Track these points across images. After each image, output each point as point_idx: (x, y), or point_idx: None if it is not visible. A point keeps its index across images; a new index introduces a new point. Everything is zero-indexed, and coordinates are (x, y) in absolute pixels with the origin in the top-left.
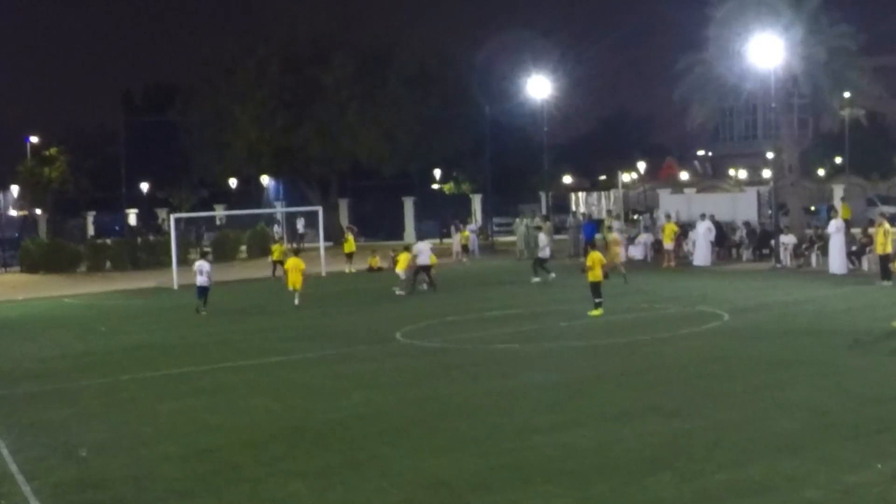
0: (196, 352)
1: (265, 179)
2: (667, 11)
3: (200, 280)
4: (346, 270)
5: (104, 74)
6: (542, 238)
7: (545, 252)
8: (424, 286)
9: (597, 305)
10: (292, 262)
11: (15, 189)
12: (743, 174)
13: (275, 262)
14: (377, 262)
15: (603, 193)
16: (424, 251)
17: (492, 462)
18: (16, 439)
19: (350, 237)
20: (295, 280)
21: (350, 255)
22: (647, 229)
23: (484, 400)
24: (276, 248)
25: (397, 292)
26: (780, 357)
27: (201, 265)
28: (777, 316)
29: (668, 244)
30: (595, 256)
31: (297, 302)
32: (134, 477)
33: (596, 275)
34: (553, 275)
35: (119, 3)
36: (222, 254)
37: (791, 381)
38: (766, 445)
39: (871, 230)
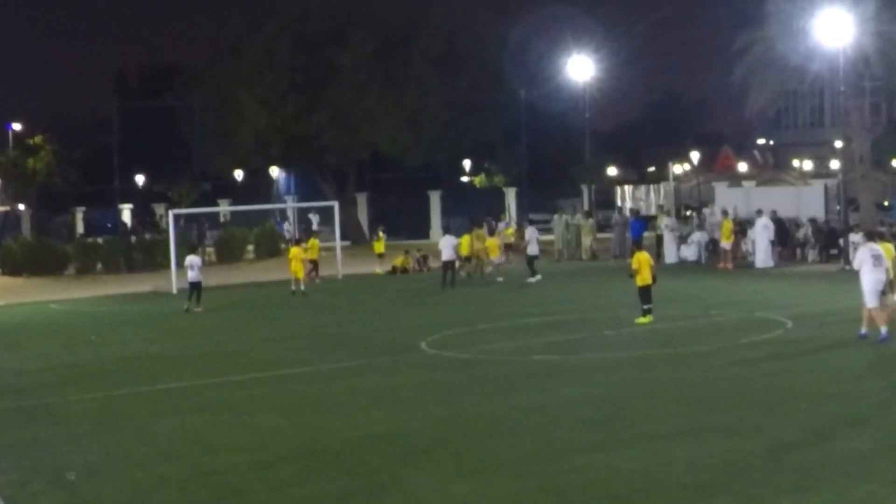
0: (198, 363)
1: (274, 171)
2: None
3: (192, 275)
4: (377, 271)
5: (95, 54)
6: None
7: (533, 249)
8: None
9: (645, 312)
10: (294, 252)
11: None
12: (808, 165)
13: (310, 262)
14: (401, 261)
15: (652, 187)
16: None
17: (528, 486)
18: None
19: (382, 236)
20: (297, 269)
21: (381, 256)
22: (700, 227)
23: (519, 417)
24: (312, 243)
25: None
26: (849, 369)
27: (192, 260)
28: (846, 323)
29: (726, 243)
30: (641, 258)
31: (302, 288)
32: (128, 503)
33: (644, 278)
34: (500, 279)
35: None
36: (227, 254)
37: (861, 395)
38: (833, 468)
39: None
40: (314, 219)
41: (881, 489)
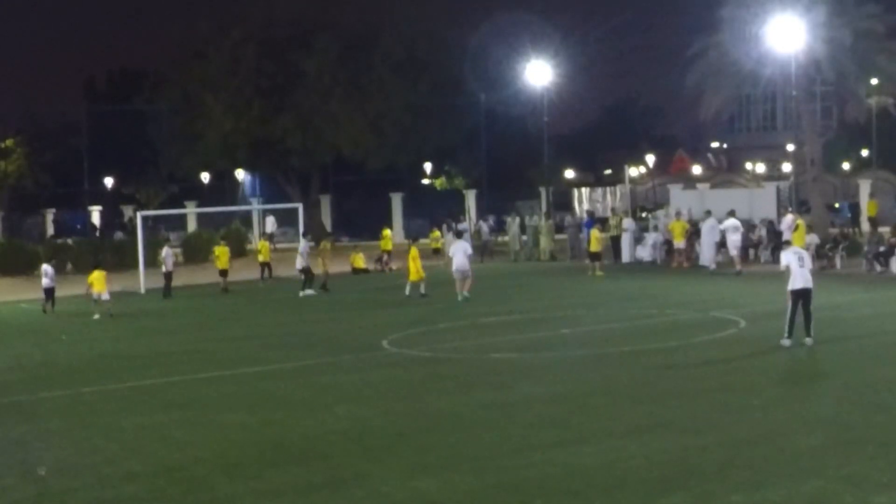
0: (165, 362)
1: (240, 174)
2: None
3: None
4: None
5: (65, 59)
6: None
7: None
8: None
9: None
10: (221, 250)
11: None
12: (761, 168)
13: (263, 264)
14: (360, 262)
15: (608, 189)
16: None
17: (487, 481)
18: None
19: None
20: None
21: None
22: (655, 228)
23: (479, 414)
24: (262, 245)
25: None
26: (801, 367)
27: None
28: (798, 322)
29: (678, 242)
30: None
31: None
32: (97, 498)
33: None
34: (311, 291)
35: None
36: (193, 255)
37: (813, 393)
38: (786, 464)
39: None
40: (269, 220)
41: (831, 485)
